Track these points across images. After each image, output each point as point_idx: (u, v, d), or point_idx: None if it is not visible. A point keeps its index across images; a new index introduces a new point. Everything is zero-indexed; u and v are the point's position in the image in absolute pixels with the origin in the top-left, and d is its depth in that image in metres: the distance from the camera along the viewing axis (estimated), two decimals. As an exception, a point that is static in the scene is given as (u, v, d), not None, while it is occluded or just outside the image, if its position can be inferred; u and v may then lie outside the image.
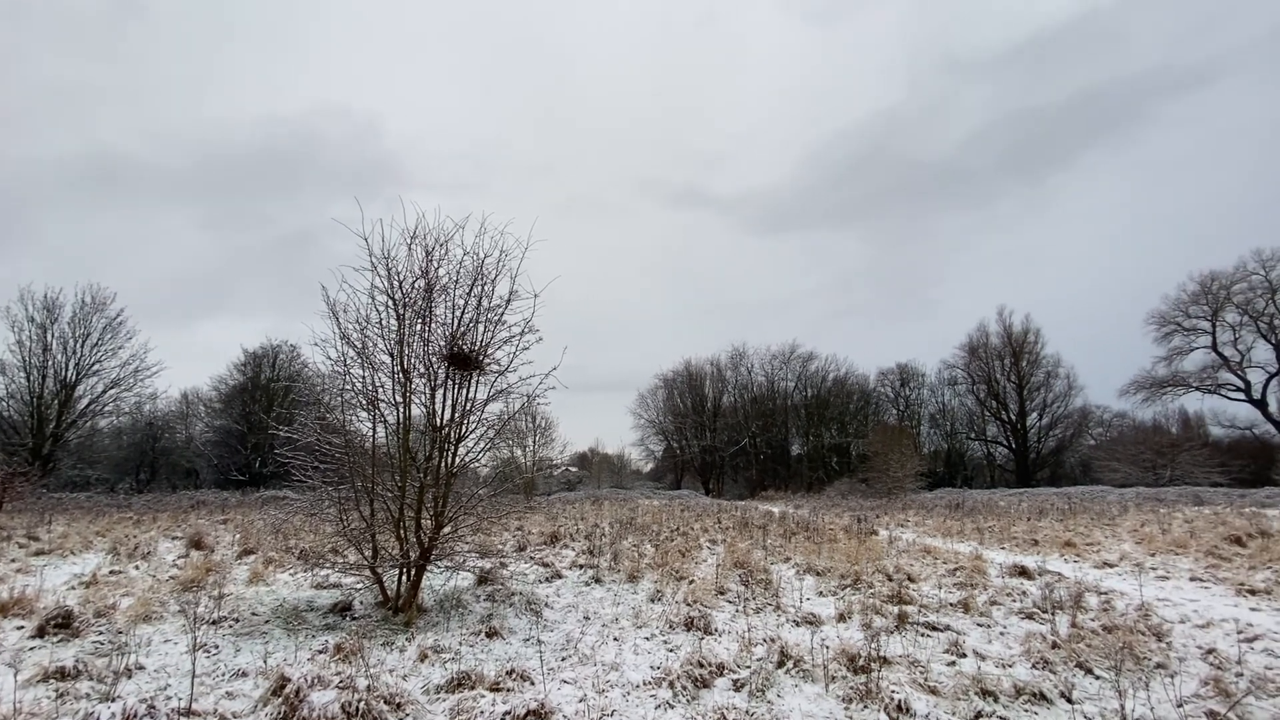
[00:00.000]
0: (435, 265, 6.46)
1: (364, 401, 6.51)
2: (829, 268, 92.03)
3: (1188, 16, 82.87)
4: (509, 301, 6.55)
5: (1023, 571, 8.56)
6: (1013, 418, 48.67)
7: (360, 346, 6.48)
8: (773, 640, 5.07)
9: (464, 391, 6.61)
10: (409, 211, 6.67)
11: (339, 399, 6.65)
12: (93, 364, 32.75)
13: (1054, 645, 5.04)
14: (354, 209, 6.46)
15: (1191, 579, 8.46)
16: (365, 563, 6.51)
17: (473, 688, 4.22)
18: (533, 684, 4.33)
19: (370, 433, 6.66)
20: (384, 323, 6.48)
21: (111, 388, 33.49)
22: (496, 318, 6.57)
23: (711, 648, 5.08)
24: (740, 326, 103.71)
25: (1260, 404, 41.60)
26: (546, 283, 6.65)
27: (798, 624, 6.01)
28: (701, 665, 4.49)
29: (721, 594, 7.27)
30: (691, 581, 7.76)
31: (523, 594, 7.20)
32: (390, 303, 6.50)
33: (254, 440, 37.62)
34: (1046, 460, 48.45)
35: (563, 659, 4.98)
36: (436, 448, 6.48)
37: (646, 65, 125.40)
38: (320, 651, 5.15)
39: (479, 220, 6.59)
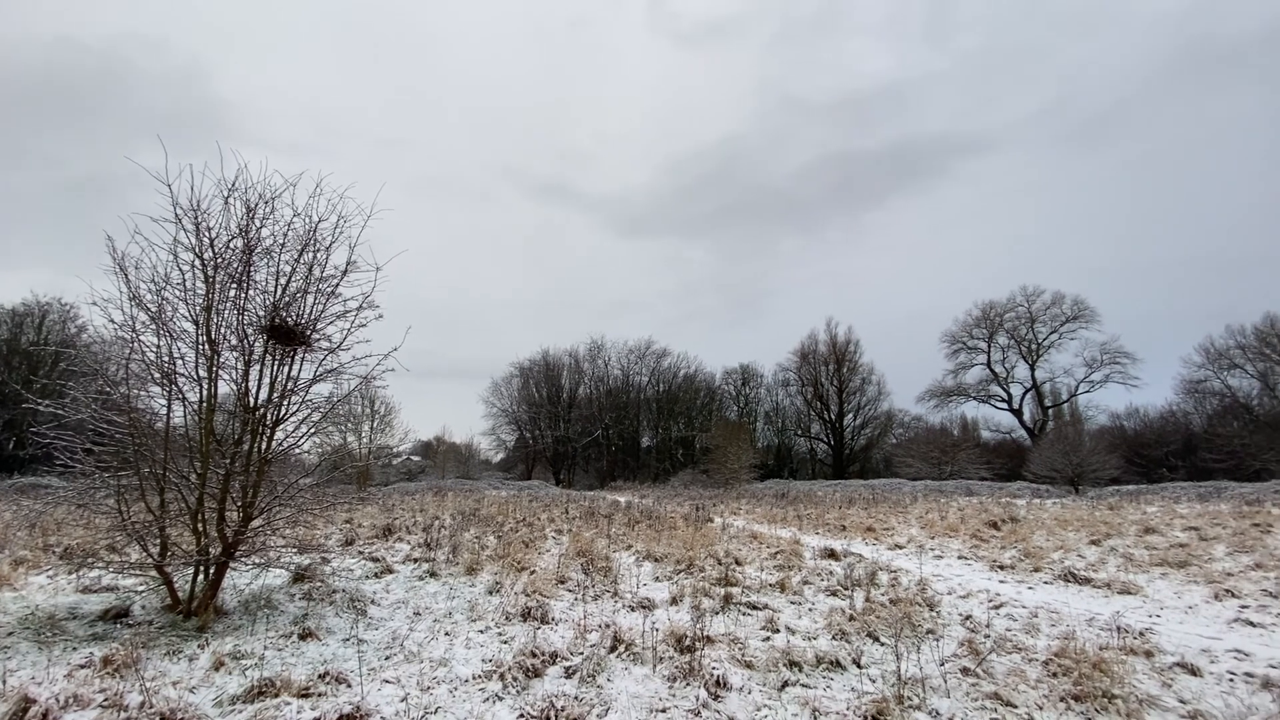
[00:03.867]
0: (258, 224, 5.70)
1: (157, 375, 5.60)
2: (680, 273, 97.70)
3: (973, 93, 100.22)
4: (345, 272, 5.97)
5: (831, 554, 9.60)
6: (833, 417, 54.48)
7: (155, 310, 5.55)
8: (607, 626, 5.18)
9: (286, 369, 5.93)
10: (229, 161, 5.82)
11: (124, 370, 5.65)
12: None
13: (851, 618, 5.71)
14: (167, 154, 5.51)
15: (959, 557, 10.05)
16: (151, 561, 5.62)
17: (276, 695, 3.82)
18: (349, 686, 4.02)
19: (164, 411, 5.74)
20: (188, 284, 5.61)
21: None
22: (330, 289, 5.96)
23: (547, 637, 5.08)
24: (598, 320, 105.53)
25: (1017, 413, 50.81)
26: (391, 256, 6.18)
27: (633, 609, 6.20)
28: (535, 655, 4.47)
29: (562, 583, 7.29)
30: (533, 572, 7.69)
31: (346, 591, 6.66)
32: (198, 262, 5.64)
33: (7, 416, 30.89)
34: (858, 456, 54.85)
35: (386, 658, 4.68)
36: (249, 431, 5.75)
37: (517, 56, 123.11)
38: (82, 666, 4.36)
39: (315, 180, 5.95)
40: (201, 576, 5.92)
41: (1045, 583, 8.00)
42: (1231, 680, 4.39)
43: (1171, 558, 9.11)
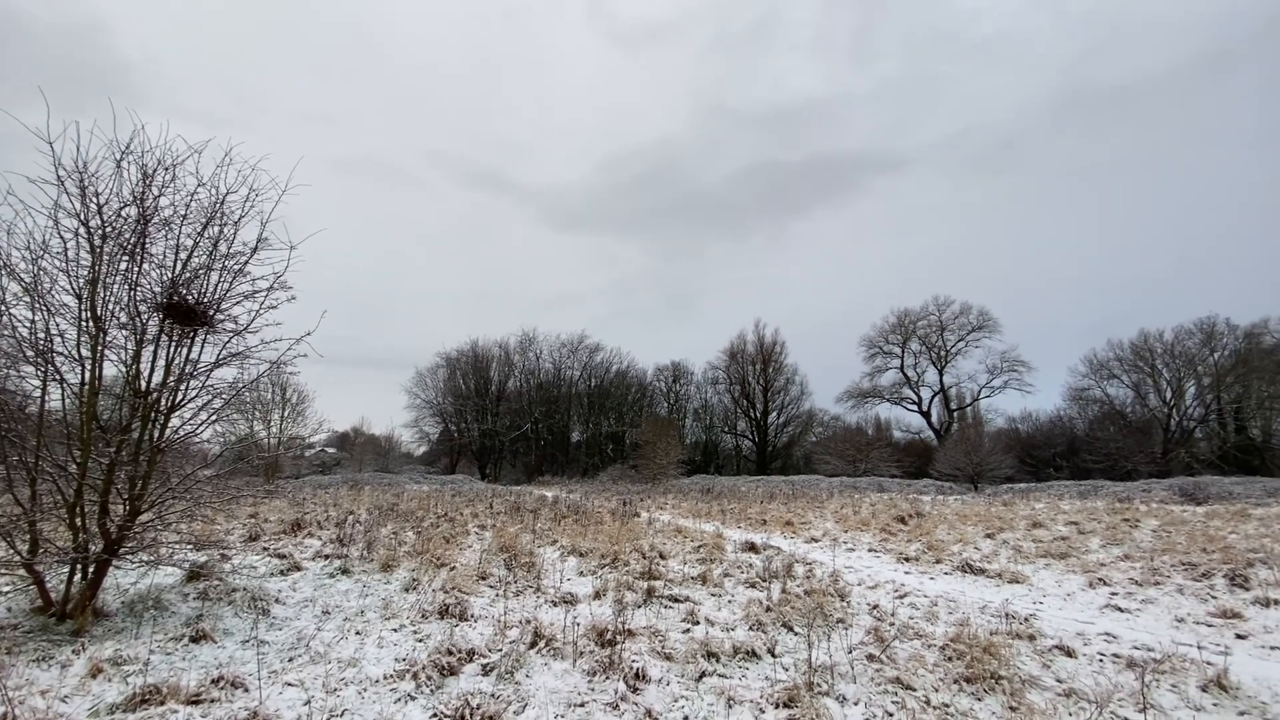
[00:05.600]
0: (155, 192, 5.22)
1: (30, 353, 5.04)
2: (614, 270, 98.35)
3: (890, 115, 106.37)
4: (256, 250, 5.56)
5: (751, 547, 9.89)
6: (758, 415, 56.07)
7: (30, 281, 5.00)
8: (528, 622, 5.11)
9: (184, 351, 5.48)
10: (125, 122, 5.30)
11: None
12: None
13: (768, 609, 5.89)
14: (61, 114, 4.97)
15: (869, 550, 10.58)
16: (19, 558, 5.06)
17: (162, 703, 3.54)
18: (247, 691, 3.78)
19: (39, 394, 5.18)
20: (70, 254, 5.08)
21: None
22: (238, 267, 5.54)
23: (465, 634, 4.96)
24: (530, 313, 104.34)
25: (926, 415, 54.10)
26: (308, 235, 5.81)
27: (556, 604, 6.15)
28: (451, 653, 4.35)
29: (483, 579, 7.13)
30: (453, 568, 7.49)
31: (248, 590, 6.24)
32: (84, 230, 5.11)
33: None
34: (780, 453, 56.72)
35: (290, 659, 4.42)
36: (138, 417, 5.28)
37: (450, 42, 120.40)
38: (-72, 678, 3.88)
39: (224, 148, 5.51)
40: (79, 575, 5.39)
41: (945, 573, 8.56)
42: (1101, 661, 4.84)
43: (1054, 550, 9.96)
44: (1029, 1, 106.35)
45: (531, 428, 55.31)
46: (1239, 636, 5.66)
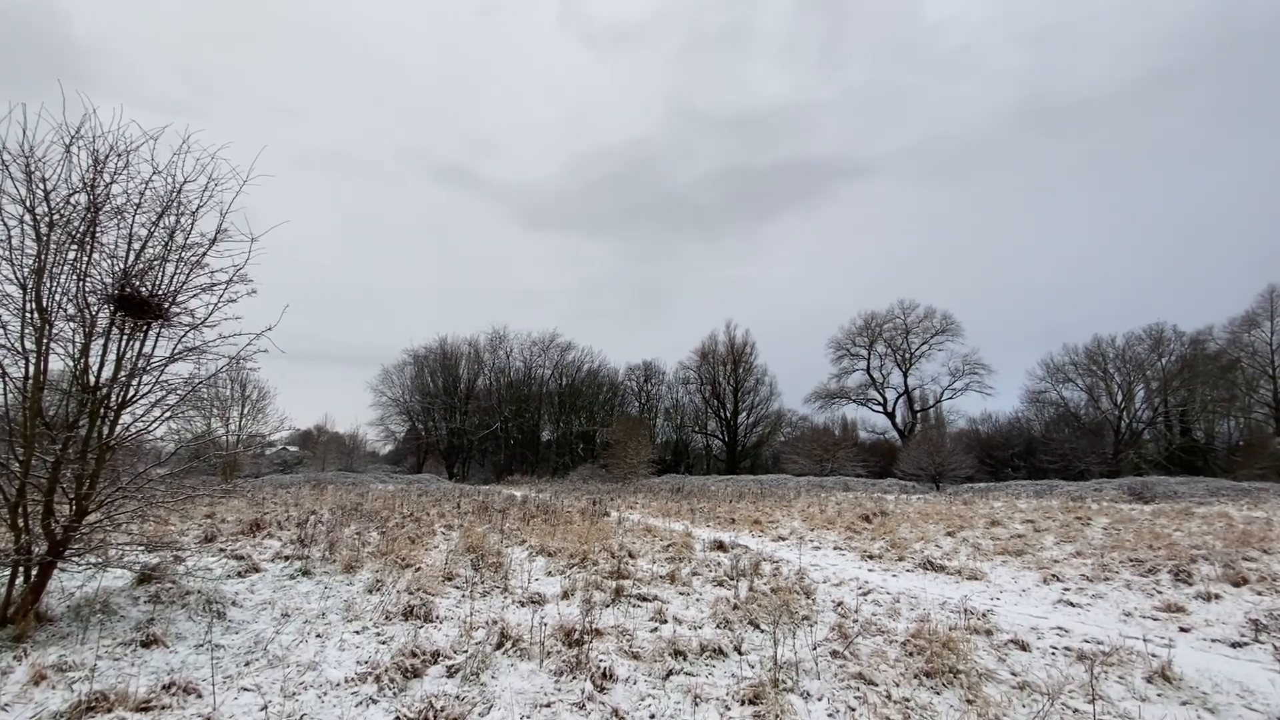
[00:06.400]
0: (107, 179, 5.01)
1: (-32, 345, 4.79)
2: (585, 269, 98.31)
3: (856, 123, 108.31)
4: (214, 241, 5.37)
5: (720, 546, 9.96)
6: (728, 415, 56.60)
7: (-30, 270, 4.76)
8: (495, 622, 5.06)
9: (137, 345, 5.27)
10: (75, 106, 5.08)
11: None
12: None
13: (735, 607, 5.94)
14: (5, 94, 4.71)
15: (835, 548, 10.76)
16: (-48, 562, 4.81)
17: (110, 710, 3.40)
18: (200, 697, 3.66)
19: (-23, 388, 4.93)
20: (14, 243, 4.84)
21: None
22: (195, 258, 5.35)
23: (430, 635, 4.89)
24: (500, 311, 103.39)
25: (891, 416, 55.33)
26: (270, 226, 5.64)
27: (523, 604, 6.10)
28: (415, 655, 4.28)
29: (449, 580, 7.04)
30: (418, 569, 7.37)
31: (203, 592, 6.04)
32: (29, 217, 4.88)
33: None
34: (749, 452, 57.31)
35: (246, 664, 4.30)
36: (87, 413, 5.06)
37: (422, 37, 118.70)
38: None
39: (181, 135, 5.32)
40: (21, 578, 5.15)
41: (908, 570, 8.76)
42: (1054, 654, 5.01)
43: (1011, 547, 10.27)
44: (991, 16, 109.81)
45: (501, 427, 54.79)
46: (1182, 630, 5.92)
